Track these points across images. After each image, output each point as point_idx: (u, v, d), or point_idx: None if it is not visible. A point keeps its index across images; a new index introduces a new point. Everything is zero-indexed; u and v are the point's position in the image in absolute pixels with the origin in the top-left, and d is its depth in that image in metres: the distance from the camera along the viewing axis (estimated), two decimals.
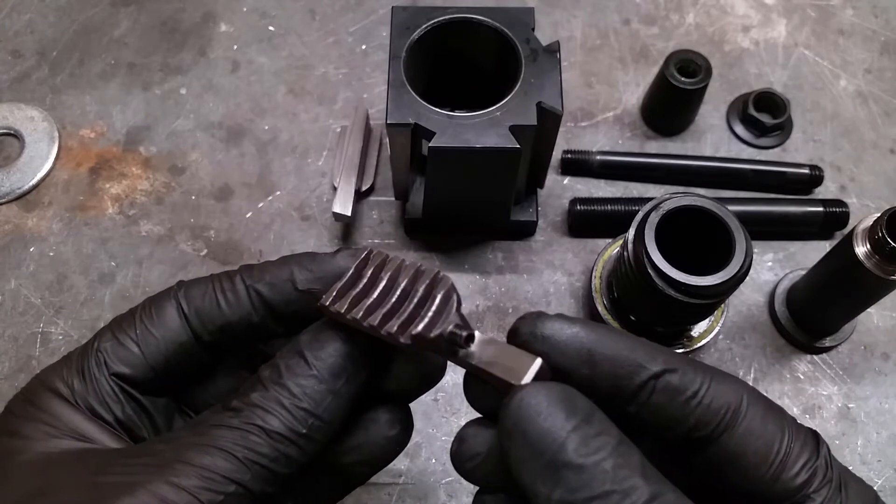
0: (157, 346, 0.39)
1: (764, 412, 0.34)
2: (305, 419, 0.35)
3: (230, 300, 0.40)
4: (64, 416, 0.37)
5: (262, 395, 0.35)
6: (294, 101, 0.78)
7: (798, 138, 0.77)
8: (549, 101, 0.58)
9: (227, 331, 0.40)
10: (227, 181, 0.74)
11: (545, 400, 0.30)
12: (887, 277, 0.55)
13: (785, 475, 0.33)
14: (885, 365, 0.67)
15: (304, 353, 0.36)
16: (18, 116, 0.77)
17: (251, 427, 0.34)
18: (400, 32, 0.60)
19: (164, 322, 0.39)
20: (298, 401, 0.35)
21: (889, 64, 0.82)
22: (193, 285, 0.40)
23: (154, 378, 0.39)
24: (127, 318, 0.40)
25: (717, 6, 0.85)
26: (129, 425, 0.39)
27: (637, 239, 0.55)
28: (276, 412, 0.34)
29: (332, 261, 0.40)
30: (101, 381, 0.38)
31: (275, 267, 0.40)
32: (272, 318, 0.40)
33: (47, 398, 0.38)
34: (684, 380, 0.33)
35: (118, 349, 0.38)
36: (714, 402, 0.33)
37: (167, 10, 0.83)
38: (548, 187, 0.72)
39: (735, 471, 0.33)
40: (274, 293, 0.40)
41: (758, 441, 0.33)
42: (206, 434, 0.34)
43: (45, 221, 0.72)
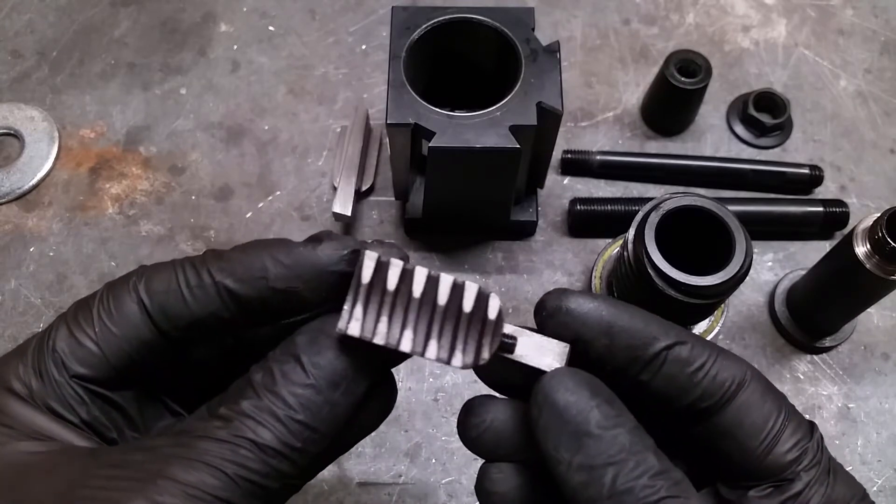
0: (119, 345, 0.35)
1: (764, 390, 0.36)
2: (301, 432, 0.32)
3: (197, 295, 0.35)
4: (23, 416, 0.34)
5: (253, 405, 0.32)
6: (294, 101, 0.79)
7: (798, 138, 0.77)
8: (549, 101, 0.58)
9: (195, 327, 0.36)
10: (227, 181, 0.74)
11: (574, 379, 0.34)
12: (887, 277, 0.55)
13: (777, 450, 0.35)
14: (885, 365, 0.67)
15: (301, 358, 0.33)
16: (18, 116, 0.77)
17: (241, 441, 0.31)
18: (400, 32, 0.60)
19: (125, 317, 0.35)
20: (294, 412, 0.32)
21: (889, 64, 0.82)
22: (154, 276, 0.36)
23: (118, 377, 0.36)
24: (84, 310, 0.36)
25: (717, 6, 0.85)
26: (96, 425, 0.35)
27: (637, 239, 0.56)
28: (268, 424, 0.32)
29: (311, 254, 0.35)
30: (61, 384, 0.34)
31: (245, 257, 0.36)
32: (244, 314, 0.36)
33: (4, 398, 0.34)
34: (693, 353, 0.35)
35: (76, 349, 0.35)
36: (720, 374, 0.35)
37: (167, 10, 0.83)
38: (548, 187, 0.72)
39: (731, 441, 0.35)
40: (245, 289, 0.35)
41: (755, 414, 0.35)
42: (191, 446, 0.31)
43: (45, 221, 0.72)
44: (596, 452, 0.32)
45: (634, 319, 0.36)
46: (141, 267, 0.37)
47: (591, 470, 0.32)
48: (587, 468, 0.32)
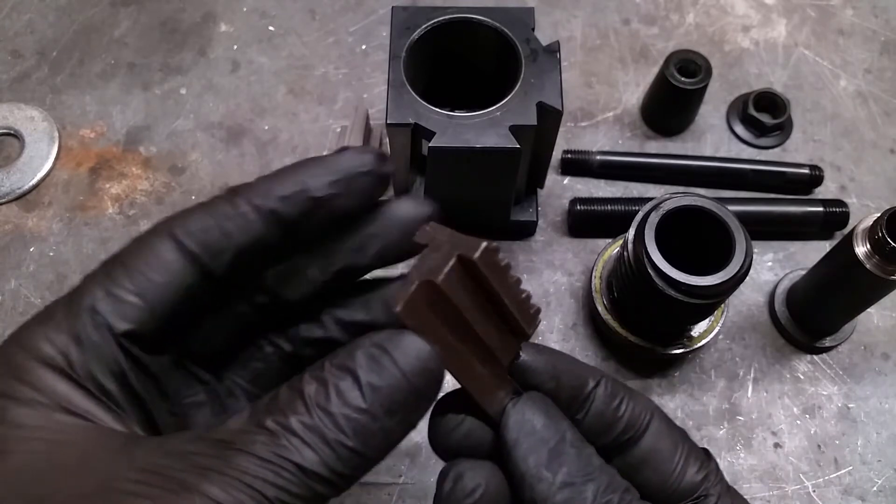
0: (162, 293, 0.33)
1: (668, 421, 0.40)
2: (350, 459, 0.30)
3: (239, 224, 0.35)
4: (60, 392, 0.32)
5: (303, 422, 0.29)
6: (294, 101, 0.79)
7: (798, 138, 0.77)
8: (549, 100, 0.58)
9: (240, 259, 0.35)
10: (227, 181, 0.74)
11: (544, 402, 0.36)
12: (887, 277, 0.55)
13: (689, 471, 0.39)
14: (885, 365, 0.67)
15: (360, 377, 0.31)
16: (18, 116, 0.77)
17: (286, 463, 0.29)
18: (400, 32, 0.60)
19: (165, 263, 0.34)
20: (346, 438, 0.30)
21: (889, 64, 0.82)
22: (188, 217, 0.35)
23: (161, 331, 0.34)
24: (116, 266, 0.34)
25: (717, 6, 0.85)
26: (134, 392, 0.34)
27: (637, 239, 0.56)
28: (316, 447, 0.29)
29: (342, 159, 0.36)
30: (102, 348, 0.33)
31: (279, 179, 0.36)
32: (289, 234, 0.36)
33: (38, 371, 0.32)
34: (613, 389, 0.39)
35: (118, 305, 0.33)
36: (636, 407, 0.39)
37: (167, 10, 0.84)
38: (548, 187, 0.72)
39: (650, 468, 0.38)
40: (287, 206, 0.35)
41: (666, 442, 0.39)
42: (231, 462, 0.29)
43: (45, 221, 0.72)
44: (576, 469, 0.34)
45: (569, 363, 0.39)
46: (166, 217, 0.35)
47: (573, 486, 0.34)
48: (569, 485, 0.34)
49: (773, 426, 0.64)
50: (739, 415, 0.65)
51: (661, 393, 0.65)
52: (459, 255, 0.32)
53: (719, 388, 0.66)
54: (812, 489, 0.62)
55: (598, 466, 0.35)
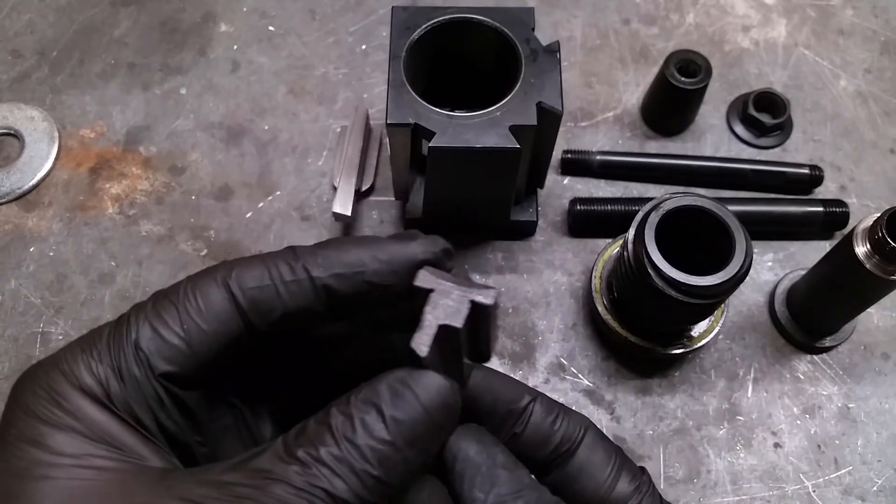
0: (207, 340, 0.35)
1: (601, 436, 0.43)
2: (374, 487, 0.32)
3: (292, 290, 0.36)
4: (99, 422, 0.33)
5: (332, 454, 0.31)
6: (294, 101, 0.79)
7: (798, 138, 0.77)
8: (549, 101, 0.58)
9: (285, 321, 0.37)
10: (227, 181, 0.74)
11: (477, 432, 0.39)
12: (887, 277, 0.55)
13: (621, 482, 0.41)
14: (885, 365, 0.67)
15: (384, 411, 0.33)
16: (18, 116, 0.77)
17: (318, 491, 0.31)
18: (400, 32, 0.60)
19: (214, 312, 0.35)
20: (371, 467, 0.32)
21: (889, 64, 0.82)
22: (245, 271, 0.36)
23: (200, 374, 0.36)
24: (167, 306, 0.35)
25: (717, 6, 0.85)
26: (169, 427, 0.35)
27: (637, 239, 0.55)
28: (345, 476, 0.31)
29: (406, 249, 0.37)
30: (143, 384, 0.34)
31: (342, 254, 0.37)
32: (335, 307, 0.37)
33: (78, 400, 0.33)
34: (549, 405, 0.42)
35: (162, 346, 0.34)
36: (571, 421, 0.42)
37: (167, 10, 0.84)
38: (548, 187, 0.72)
39: (584, 478, 0.41)
40: (342, 284, 0.36)
41: (599, 454, 0.41)
42: (267, 492, 0.31)
43: (45, 221, 0.72)
44: (506, 489, 0.37)
45: (507, 380, 0.42)
46: (225, 262, 0.37)
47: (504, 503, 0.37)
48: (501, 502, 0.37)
49: (773, 426, 0.64)
50: (739, 415, 0.65)
51: (661, 393, 0.65)
52: (473, 301, 0.34)
53: (719, 388, 0.66)
54: (812, 489, 0.62)
55: (528, 484, 0.38)
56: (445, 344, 0.34)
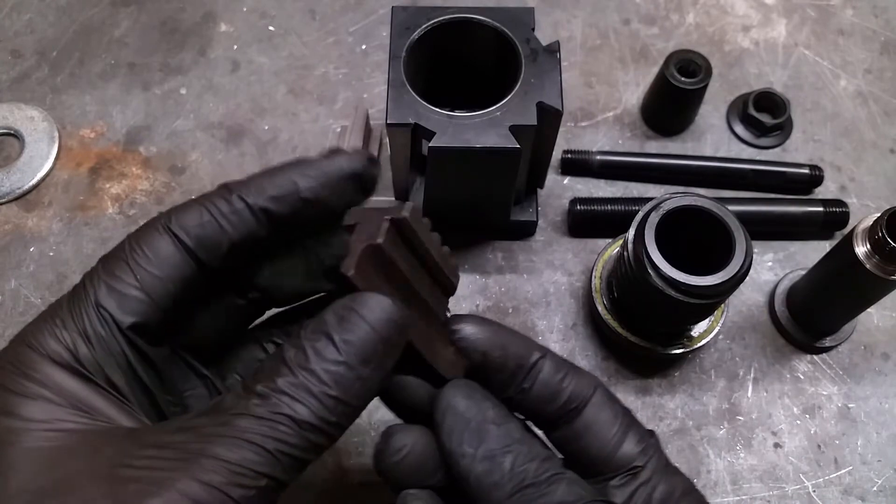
0: (163, 286, 0.36)
1: (610, 396, 0.43)
2: (335, 407, 0.33)
3: (233, 221, 0.38)
4: (68, 388, 0.34)
5: (289, 382, 0.33)
6: (294, 101, 0.79)
7: (798, 138, 0.77)
8: (549, 100, 0.58)
9: (234, 253, 0.38)
10: (227, 181, 0.74)
11: (469, 387, 0.40)
12: (887, 277, 0.55)
13: (626, 443, 0.41)
14: (885, 365, 0.67)
15: (333, 336, 0.34)
16: (18, 116, 0.77)
17: (280, 417, 0.32)
18: (400, 32, 0.60)
19: (163, 258, 0.36)
20: (328, 388, 0.33)
21: (889, 64, 0.82)
22: (185, 213, 0.38)
23: (164, 322, 0.37)
24: (117, 263, 0.36)
25: (717, 6, 0.85)
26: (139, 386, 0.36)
27: (637, 239, 0.56)
28: (304, 400, 0.33)
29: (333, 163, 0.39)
30: (109, 342, 0.35)
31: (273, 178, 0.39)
32: (278, 230, 0.39)
33: (47, 368, 0.34)
34: (558, 363, 0.42)
35: (122, 300, 0.35)
36: (579, 380, 0.42)
37: (167, 10, 0.84)
38: (548, 187, 0.72)
39: (590, 436, 0.41)
40: (279, 206, 0.38)
41: (606, 413, 0.42)
42: (232, 425, 0.32)
43: (45, 221, 0.72)
44: (495, 443, 0.38)
45: (517, 336, 0.43)
46: (160, 213, 0.38)
47: (493, 458, 0.37)
48: (489, 458, 0.37)
49: (773, 426, 0.64)
50: (739, 415, 0.65)
51: (661, 393, 0.65)
52: (391, 217, 0.37)
53: (719, 388, 0.66)
54: (812, 489, 0.62)
55: (518, 439, 0.38)
56: (378, 265, 0.36)
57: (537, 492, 0.37)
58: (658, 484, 0.41)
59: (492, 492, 0.37)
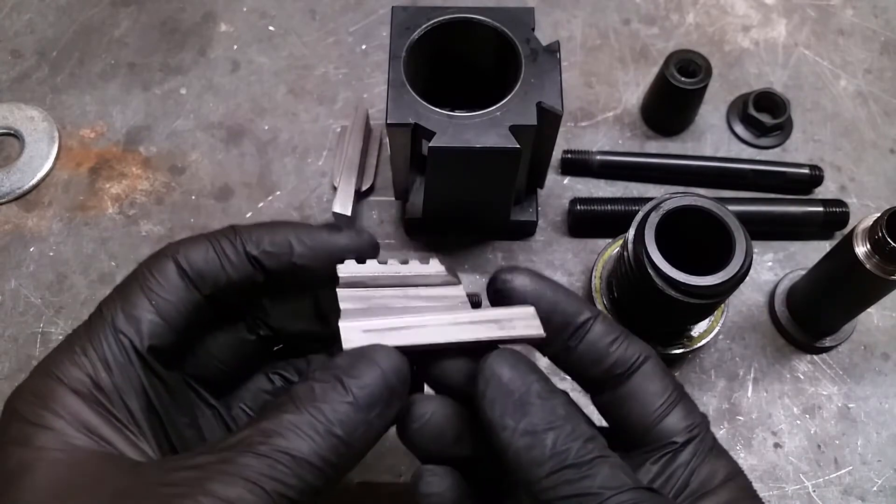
0: (175, 309, 0.38)
1: (662, 370, 0.42)
2: (337, 447, 0.33)
3: (233, 262, 0.40)
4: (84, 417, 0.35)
5: (294, 418, 0.33)
6: (294, 101, 0.79)
7: (798, 138, 0.77)
8: (549, 101, 0.58)
9: (229, 289, 0.41)
10: (227, 181, 0.74)
11: (514, 357, 0.38)
12: (887, 277, 0.55)
13: (669, 419, 0.40)
14: (885, 365, 0.67)
15: (342, 378, 0.35)
16: (18, 116, 0.77)
17: (280, 455, 0.32)
18: (400, 32, 0.60)
19: (173, 285, 0.39)
20: (333, 427, 0.33)
21: (889, 64, 0.82)
22: (191, 248, 0.40)
23: (177, 343, 0.39)
24: (131, 289, 0.39)
25: (717, 6, 0.85)
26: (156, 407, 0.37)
27: (637, 239, 0.56)
28: (307, 437, 0.33)
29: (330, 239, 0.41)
30: (127, 369, 0.36)
31: (271, 234, 0.41)
32: (272, 280, 0.42)
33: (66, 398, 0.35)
34: (610, 327, 0.41)
35: (139, 324, 0.37)
36: (629, 347, 0.41)
37: (167, 10, 0.84)
38: (548, 187, 0.72)
39: (631, 405, 0.40)
40: (270, 261, 0.41)
41: (653, 386, 0.41)
42: (233, 462, 0.32)
43: (45, 221, 0.72)
44: (538, 419, 0.36)
45: (569, 294, 0.42)
46: (171, 243, 0.40)
47: (535, 434, 0.36)
48: (531, 433, 0.36)
49: (773, 426, 0.64)
50: (739, 415, 0.65)
51: None
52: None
53: (719, 388, 0.66)
54: (812, 489, 0.62)
55: (562, 416, 0.37)
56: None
57: (578, 473, 0.35)
58: (699, 466, 0.39)
59: (531, 468, 0.36)
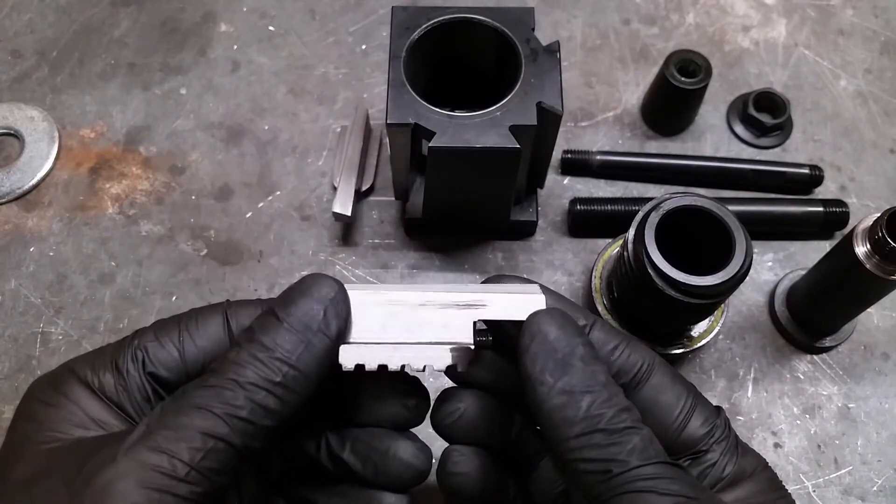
0: (197, 355, 0.39)
1: (672, 375, 0.41)
2: (280, 368, 0.35)
3: None
4: (86, 405, 0.37)
5: (236, 353, 0.36)
6: (294, 101, 0.78)
7: (798, 138, 0.77)
8: (549, 101, 0.58)
9: None
10: (227, 181, 0.74)
11: (563, 318, 0.38)
12: (887, 277, 0.55)
13: (691, 425, 0.40)
14: (885, 365, 0.67)
15: (276, 310, 0.37)
16: (18, 116, 0.77)
17: (226, 382, 0.35)
18: (400, 32, 0.60)
19: (208, 334, 0.40)
20: (271, 352, 0.35)
21: (889, 64, 0.82)
22: (243, 308, 0.41)
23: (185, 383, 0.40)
24: (171, 323, 0.40)
25: (717, 6, 0.85)
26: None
27: (637, 239, 0.55)
28: (249, 365, 0.35)
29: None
30: (133, 377, 0.38)
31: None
32: None
33: (73, 387, 0.38)
34: (607, 333, 0.41)
35: (158, 350, 0.39)
36: (632, 356, 0.41)
37: (167, 10, 0.83)
38: (548, 187, 0.72)
39: (650, 419, 0.39)
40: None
41: (668, 394, 0.40)
42: (183, 397, 0.35)
43: (45, 221, 0.72)
44: (577, 380, 0.36)
45: (563, 301, 0.42)
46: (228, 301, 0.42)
47: (571, 394, 0.36)
48: (567, 392, 0.36)
49: (773, 426, 0.64)
50: (739, 415, 0.65)
51: None
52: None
53: (719, 388, 0.66)
54: (812, 489, 0.62)
55: (603, 382, 0.37)
56: None
57: (607, 439, 0.35)
58: (726, 465, 0.39)
59: (561, 426, 0.36)
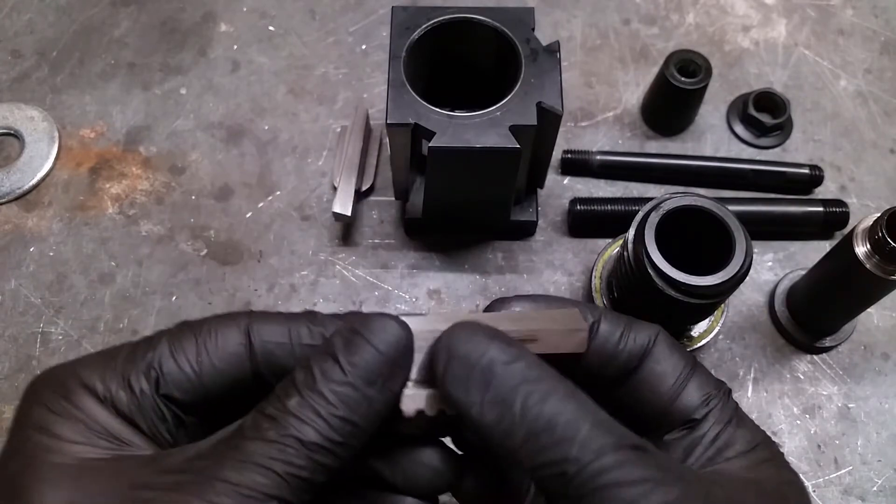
0: (217, 378, 0.37)
1: (672, 346, 0.40)
2: (341, 427, 0.34)
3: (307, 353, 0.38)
4: (101, 419, 0.36)
5: (297, 403, 0.34)
6: (294, 101, 0.78)
7: (798, 138, 0.77)
8: (549, 101, 0.58)
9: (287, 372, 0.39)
10: (227, 181, 0.74)
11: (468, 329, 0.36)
12: (887, 277, 0.55)
13: (685, 394, 0.39)
14: (885, 365, 0.67)
15: (339, 357, 0.35)
16: (18, 116, 0.77)
17: (288, 439, 0.33)
18: (400, 32, 0.60)
19: (228, 354, 0.38)
20: (334, 409, 0.34)
21: (889, 64, 0.82)
22: (267, 324, 0.38)
23: (202, 406, 0.38)
24: (187, 335, 0.38)
25: (717, 6, 0.85)
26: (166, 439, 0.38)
27: (637, 239, 0.55)
28: (311, 421, 0.34)
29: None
30: (147, 398, 0.37)
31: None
32: None
33: (85, 398, 0.36)
34: (611, 323, 0.40)
35: (174, 370, 0.37)
36: (638, 338, 0.40)
37: (167, 10, 0.84)
38: (548, 187, 0.72)
39: (644, 388, 0.39)
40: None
41: (664, 364, 0.39)
42: (243, 448, 0.33)
43: (45, 221, 0.72)
44: (501, 384, 0.34)
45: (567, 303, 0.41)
46: (251, 312, 0.39)
47: (502, 402, 0.34)
48: (498, 402, 0.34)
49: (773, 426, 0.64)
50: None
51: None
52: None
53: None
54: (812, 489, 0.62)
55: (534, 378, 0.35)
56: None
57: (552, 438, 0.32)
58: (719, 437, 0.38)
59: (504, 441, 0.33)
